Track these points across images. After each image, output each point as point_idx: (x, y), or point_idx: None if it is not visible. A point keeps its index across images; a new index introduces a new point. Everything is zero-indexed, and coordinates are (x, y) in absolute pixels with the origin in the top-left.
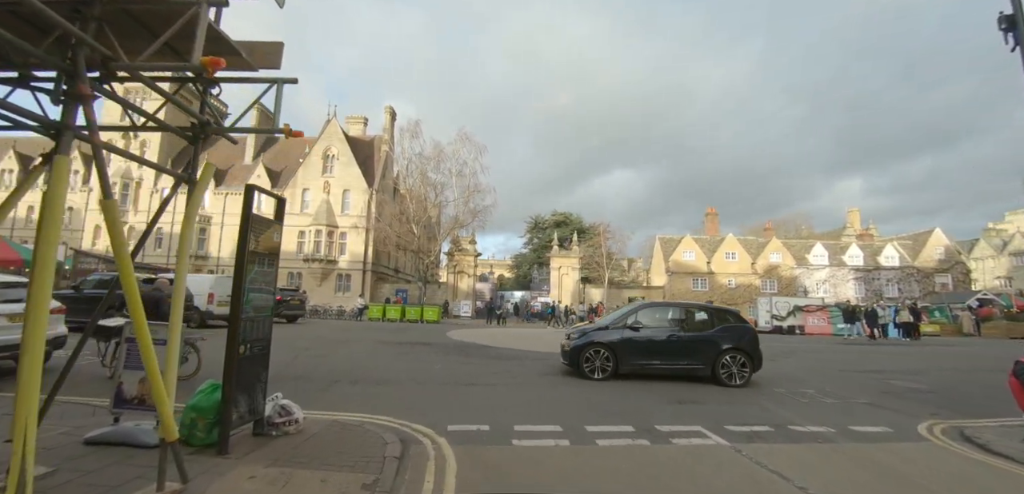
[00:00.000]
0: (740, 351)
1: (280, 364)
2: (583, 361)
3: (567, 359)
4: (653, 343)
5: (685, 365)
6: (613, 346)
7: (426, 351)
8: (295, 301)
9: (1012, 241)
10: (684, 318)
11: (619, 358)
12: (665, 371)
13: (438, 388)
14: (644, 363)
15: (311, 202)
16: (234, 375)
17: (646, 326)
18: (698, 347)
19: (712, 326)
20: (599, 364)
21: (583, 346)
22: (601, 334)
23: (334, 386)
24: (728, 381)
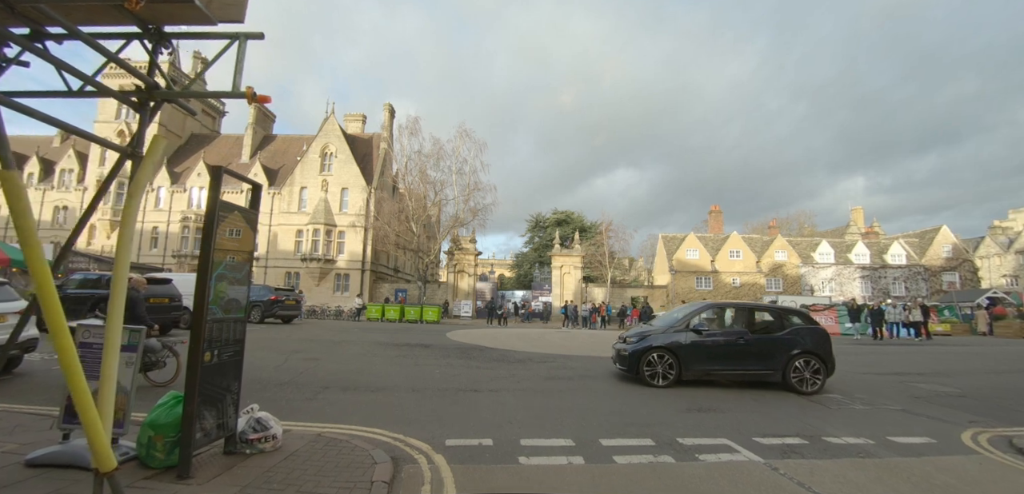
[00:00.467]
0: (813, 355)
1: (267, 368)
2: (644, 366)
3: (625, 365)
4: (720, 347)
5: (754, 370)
6: (676, 350)
7: (424, 353)
8: (290, 302)
9: (1019, 239)
10: (750, 319)
11: (683, 363)
12: (732, 377)
13: (436, 395)
14: (710, 369)
15: (309, 200)
16: (197, 386)
17: (710, 328)
18: (768, 351)
19: (781, 328)
20: (661, 370)
21: (643, 350)
22: (661, 337)
23: (323, 393)
24: (801, 388)
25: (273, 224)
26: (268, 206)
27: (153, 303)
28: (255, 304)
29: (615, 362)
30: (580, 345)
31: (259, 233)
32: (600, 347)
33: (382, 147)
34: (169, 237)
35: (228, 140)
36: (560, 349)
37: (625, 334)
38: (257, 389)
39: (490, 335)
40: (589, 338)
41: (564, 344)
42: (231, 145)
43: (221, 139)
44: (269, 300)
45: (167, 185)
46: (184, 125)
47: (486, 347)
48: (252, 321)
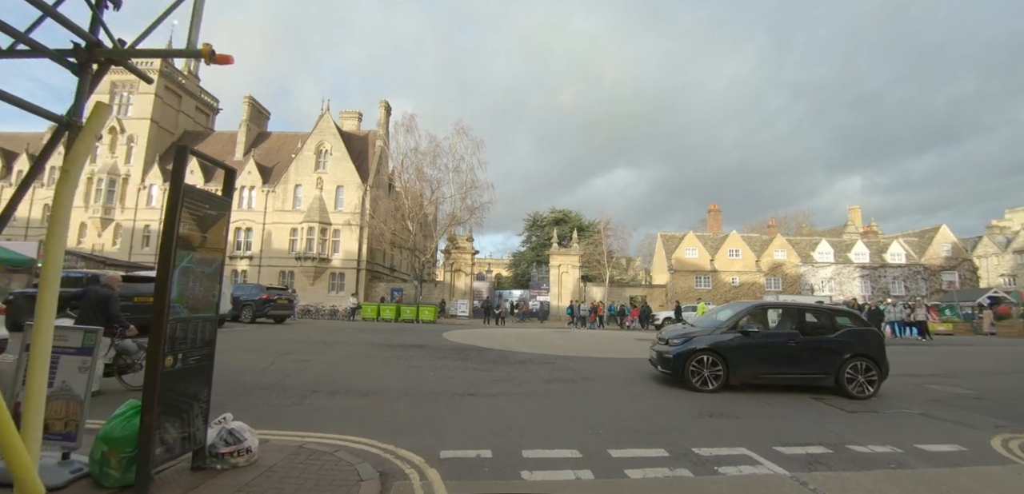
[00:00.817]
0: (867, 358)
1: (253, 370)
2: (689, 370)
3: (669, 367)
4: (770, 349)
5: (805, 374)
6: (723, 352)
7: (420, 355)
8: (283, 301)
9: (1016, 238)
10: (800, 321)
11: (731, 366)
12: (782, 381)
13: (431, 400)
14: (759, 372)
15: (303, 199)
16: (156, 395)
17: (758, 330)
18: (820, 354)
19: (832, 329)
20: (708, 373)
21: (688, 353)
22: (708, 339)
23: (310, 398)
24: (856, 393)
25: (267, 222)
26: (262, 204)
27: (139, 302)
28: (246, 303)
29: (657, 365)
30: (581, 345)
31: (253, 232)
32: (602, 348)
33: (378, 145)
34: (161, 236)
35: (222, 137)
36: (560, 350)
37: (665, 335)
38: (239, 393)
39: (487, 335)
40: (589, 338)
41: (564, 344)
42: (225, 142)
43: (214, 136)
44: (260, 299)
45: (159, 183)
46: (177, 122)
47: (484, 348)
48: (243, 321)
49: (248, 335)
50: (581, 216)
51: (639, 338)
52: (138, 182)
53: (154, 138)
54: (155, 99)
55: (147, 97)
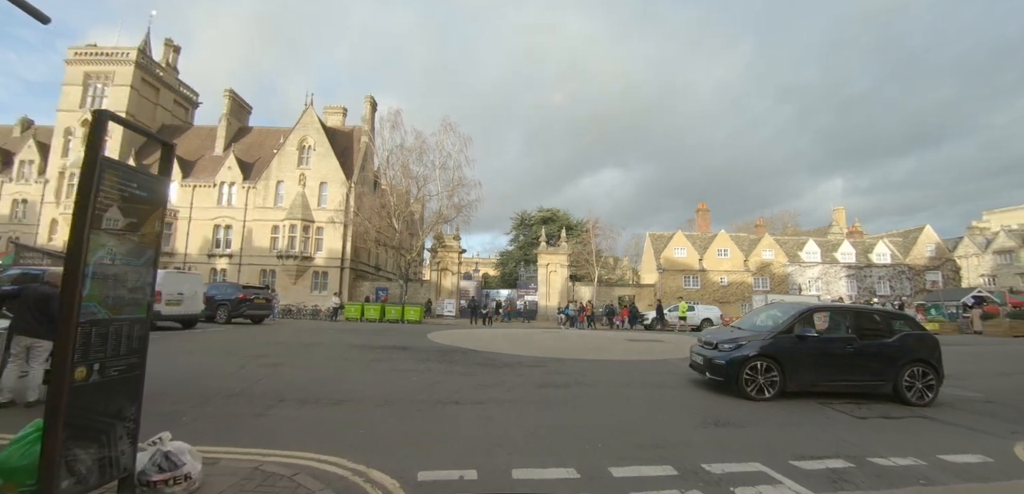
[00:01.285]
0: (925, 363)
1: (218, 376)
2: (744, 377)
3: (721, 374)
4: (828, 355)
5: (862, 381)
6: (779, 358)
7: (402, 357)
8: (260, 300)
9: (996, 239)
10: (857, 324)
11: (787, 373)
12: (840, 388)
13: (411, 409)
14: (816, 379)
15: (286, 195)
16: (62, 415)
17: (816, 334)
18: (878, 359)
19: (889, 333)
20: (764, 380)
21: (743, 359)
22: (762, 343)
23: (277, 407)
24: (915, 400)
25: (248, 220)
26: (243, 201)
27: None
28: (221, 303)
29: (704, 371)
30: (572, 347)
31: (233, 229)
32: (593, 349)
33: (363, 141)
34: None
35: (201, 132)
36: (550, 352)
37: (708, 338)
38: (198, 402)
39: (474, 336)
40: (579, 339)
41: (554, 346)
42: (204, 137)
43: (193, 130)
44: (236, 299)
45: None
46: (154, 116)
47: (470, 350)
48: (218, 322)
49: (221, 337)
50: (569, 215)
51: (630, 339)
52: None
53: (130, 132)
54: (131, 91)
55: (122, 89)
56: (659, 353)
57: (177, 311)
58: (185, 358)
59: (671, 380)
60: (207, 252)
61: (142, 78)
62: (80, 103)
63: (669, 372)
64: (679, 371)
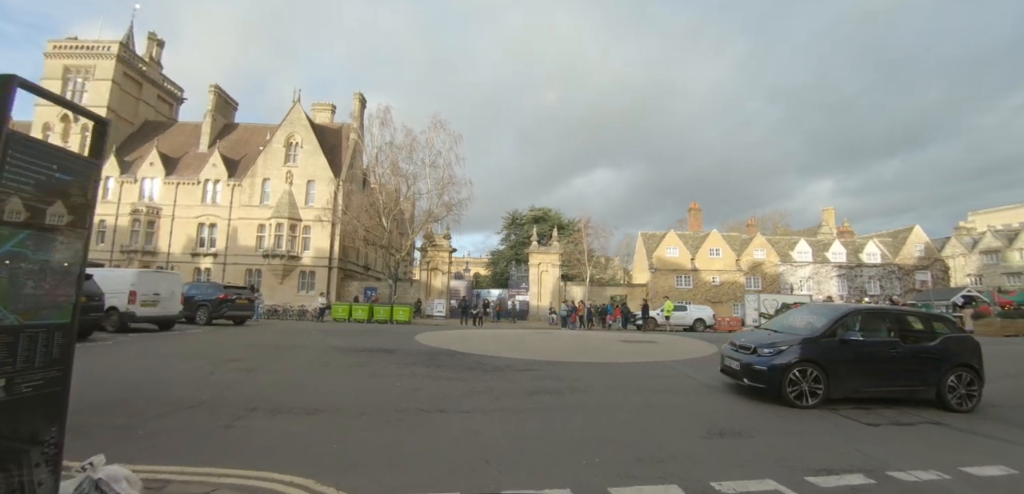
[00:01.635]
0: (968, 367)
1: (186, 383)
2: (787, 383)
3: (762, 381)
4: (873, 360)
5: (907, 387)
6: (823, 363)
7: (386, 361)
8: (242, 301)
9: (983, 239)
10: (900, 327)
11: (831, 379)
12: (883, 395)
13: (392, 419)
14: (860, 386)
15: (272, 193)
16: None
17: (861, 338)
18: (922, 364)
19: (931, 337)
20: (808, 387)
21: (786, 365)
22: (806, 348)
23: (246, 418)
24: (956, 405)
25: (233, 218)
26: (228, 199)
27: None
28: (201, 304)
29: (742, 378)
30: (564, 348)
31: (217, 228)
32: (586, 351)
33: (351, 138)
34: (118, 231)
35: (185, 128)
36: (542, 354)
37: (743, 341)
38: (158, 414)
39: (464, 337)
40: (572, 340)
41: (545, 347)
42: (188, 133)
43: (177, 126)
44: (217, 299)
45: (116, 175)
46: (136, 111)
47: (458, 352)
48: (198, 323)
49: (197, 339)
50: (561, 215)
51: (624, 340)
52: None
53: (111, 127)
54: (112, 86)
55: (103, 83)
56: (654, 355)
57: (153, 312)
58: (153, 362)
59: (669, 384)
60: (191, 251)
61: (124, 72)
62: (61, 94)
63: (666, 375)
64: (676, 374)
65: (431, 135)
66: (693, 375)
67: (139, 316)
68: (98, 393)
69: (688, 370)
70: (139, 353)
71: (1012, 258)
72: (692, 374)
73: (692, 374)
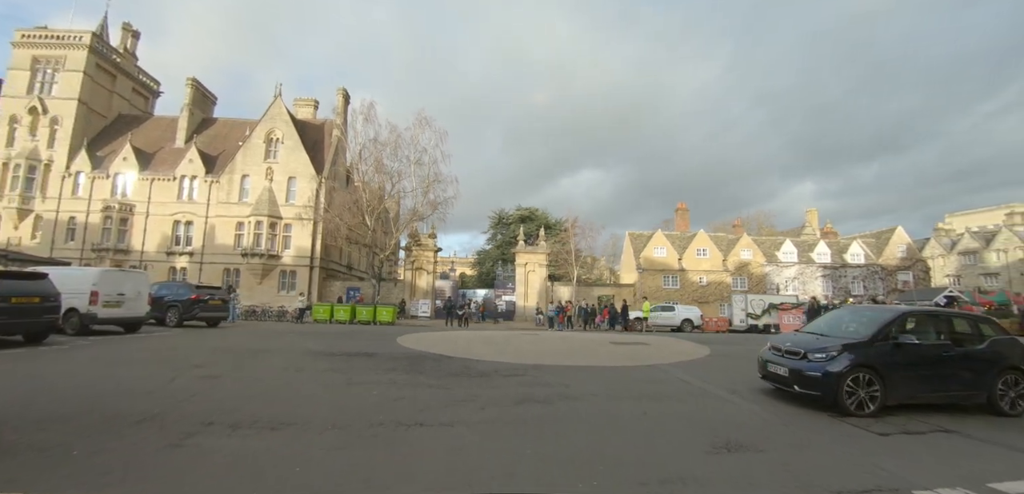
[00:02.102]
0: (1017, 371)
1: (138, 393)
2: (845, 390)
3: (816, 388)
4: (927, 364)
5: (958, 392)
6: (879, 368)
7: (364, 366)
8: (216, 301)
9: (961, 241)
10: (950, 329)
11: (887, 385)
12: (936, 400)
13: (365, 435)
14: (915, 391)
15: (251, 190)
16: None
17: (916, 341)
18: (973, 367)
19: (979, 339)
20: (865, 394)
21: (842, 371)
22: (854, 353)
23: (199, 435)
24: (1010, 410)
25: (210, 216)
26: (205, 195)
27: (17, 303)
28: (171, 305)
29: (791, 385)
30: (552, 351)
31: (194, 225)
32: (575, 353)
33: (335, 134)
34: (89, 228)
35: (161, 122)
36: (529, 357)
37: (787, 346)
38: (100, 429)
39: (449, 339)
40: (560, 342)
41: (533, 350)
42: (164, 128)
43: (153, 120)
44: (189, 300)
45: (87, 170)
46: (110, 104)
47: (442, 355)
48: (169, 324)
49: (163, 342)
50: (548, 214)
51: (614, 342)
52: (62, 169)
53: (82, 121)
54: (84, 77)
55: (74, 75)
56: (646, 358)
57: (117, 313)
58: (109, 369)
59: (665, 390)
60: (166, 250)
61: (96, 64)
62: (27, 89)
63: (660, 380)
64: (671, 378)
65: (416, 132)
66: (689, 380)
67: (101, 318)
68: (38, 405)
69: (683, 374)
70: (95, 358)
71: (989, 259)
72: (687, 378)
73: (687, 378)
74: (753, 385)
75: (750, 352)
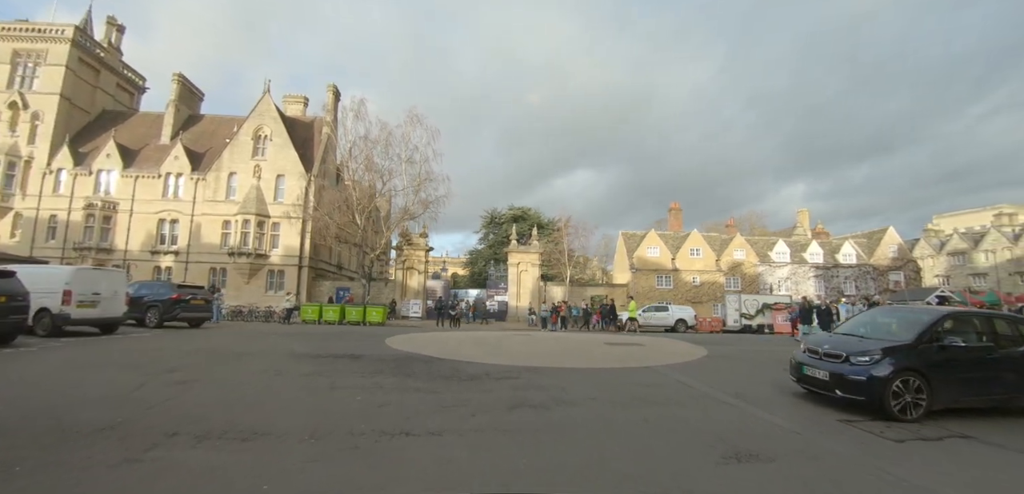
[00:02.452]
0: None
1: (102, 400)
2: (891, 394)
3: (860, 392)
4: (972, 366)
5: (1002, 395)
6: (924, 371)
7: (349, 369)
8: (198, 301)
9: (950, 241)
10: (992, 330)
11: (933, 389)
12: (979, 404)
13: (344, 446)
14: (959, 395)
15: (239, 188)
16: None
17: (960, 343)
18: (1016, 369)
19: (1020, 340)
20: (911, 399)
21: (889, 375)
22: (899, 356)
23: (161, 447)
24: None
25: (197, 214)
26: (191, 193)
27: None
28: (152, 305)
29: (833, 389)
30: (546, 352)
31: (179, 224)
32: (570, 355)
33: (324, 131)
34: (70, 227)
35: (146, 118)
36: (523, 359)
37: (826, 347)
38: (53, 442)
39: (439, 340)
40: (554, 343)
41: (526, 352)
42: (150, 124)
43: (138, 117)
44: (169, 300)
45: (69, 167)
46: (93, 100)
47: (432, 358)
48: (148, 325)
49: (140, 344)
50: (540, 214)
51: (608, 342)
52: (43, 166)
53: (64, 116)
54: (66, 72)
55: (56, 69)
56: (643, 359)
57: (92, 314)
58: (76, 373)
59: (665, 394)
60: (151, 248)
61: (79, 58)
62: (7, 83)
63: (659, 383)
64: (669, 381)
65: (408, 130)
66: (689, 383)
67: (75, 318)
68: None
69: (682, 376)
70: (64, 362)
71: (978, 260)
72: (687, 381)
73: (687, 381)
74: (756, 388)
75: (748, 353)
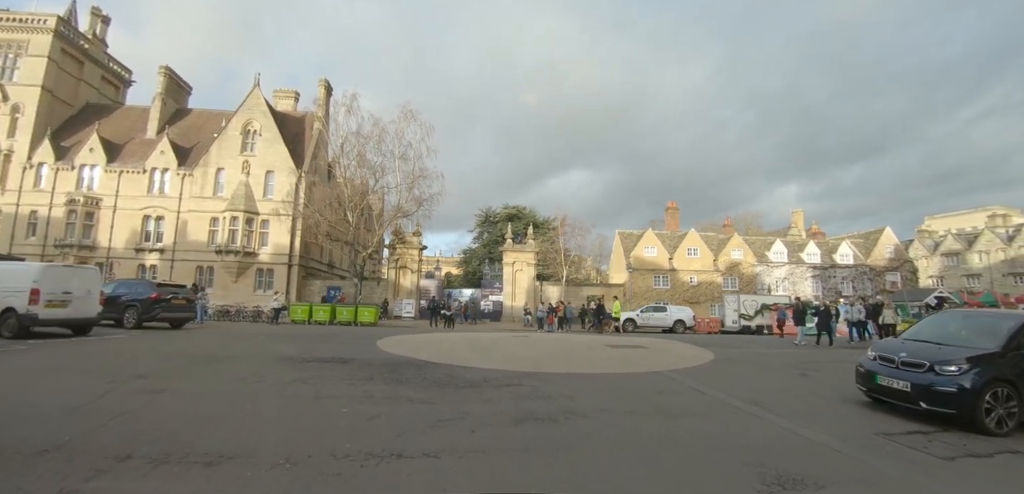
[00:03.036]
0: None
1: (56, 410)
2: (984, 407)
3: (949, 405)
4: None
5: None
6: (1015, 381)
7: (336, 375)
8: (179, 300)
9: (944, 242)
10: None
11: (1023, 399)
12: None
13: (327, 472)
14: None
15: (226, 184)
16: None
17: None
18: None
19: None
20: (1004, 411)
21: (981, 387)
22: (987, 365)
23: (110, 472)
24: None
25: (183, 210)
26: (177, 189)
27: None
28: (130, 304)
29: (917, 401)
30: (546, 356)
31: (165, 220)
32: (573, 359)
33: (316, 127)
34: (51, 223)
35: (132, 112)
36: (523, 363)
37: (908, 357)
38: None
39: (433, 342)
40: (554, 345)
41: (525, 354)
42: (135, 118)
43: (123, 110)
44: (148, 299)
45: (50, 161)
46: (77, 92)
47: (426, 362)
48: (126, 326)
49: (112, 346)
50: (536, 213)
51: (609, 344)
52: (24, 160)
53: (46, 109)
54: (48, 63)
55: (38, 60)
56: (648, 363)
57: (63, 314)
58: (31, 381)
59: (681, 403)
60: (135, 246)
61: (62, 49)
62: None
63: (671, 390)
64: (681, 387)
65: (401, 125)
66: (702, 389)
67: (43, 319)
68: None
69: (693, 382)
70: (24, 367)
71: (971, 260)
72: (700, 388)
73: (700, 388)
74: (772, 395)
75: (753, 356)
